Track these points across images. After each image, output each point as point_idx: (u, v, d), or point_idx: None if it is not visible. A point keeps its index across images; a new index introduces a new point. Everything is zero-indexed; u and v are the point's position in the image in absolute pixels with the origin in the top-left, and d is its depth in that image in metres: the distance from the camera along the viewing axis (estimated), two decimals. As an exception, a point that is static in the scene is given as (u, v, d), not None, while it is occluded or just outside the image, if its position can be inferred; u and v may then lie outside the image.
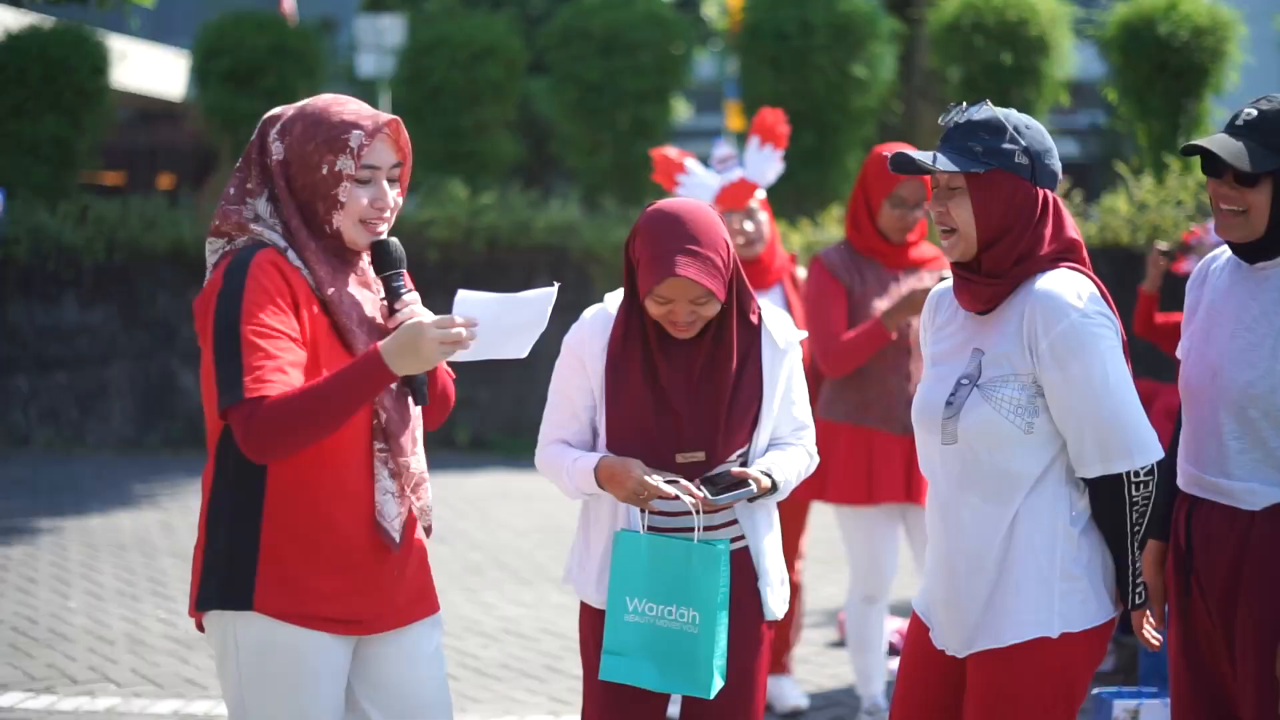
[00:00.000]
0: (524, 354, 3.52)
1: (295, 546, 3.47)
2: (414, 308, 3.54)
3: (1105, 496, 3.56)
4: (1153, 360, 8.11)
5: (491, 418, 13.04)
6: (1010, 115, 3.58)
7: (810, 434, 4.06)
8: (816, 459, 4.09)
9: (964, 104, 3.61)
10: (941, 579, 3.66)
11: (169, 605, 7.98)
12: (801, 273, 6.43)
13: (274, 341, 3.38)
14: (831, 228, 13.02)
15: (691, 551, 3.84)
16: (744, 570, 3.97)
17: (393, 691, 3.63)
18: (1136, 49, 14.00)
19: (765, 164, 6.35)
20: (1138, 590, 3.61)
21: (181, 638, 7.37)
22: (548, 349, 4.03)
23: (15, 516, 10.34)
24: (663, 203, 3.91)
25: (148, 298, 13.45)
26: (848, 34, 14.17)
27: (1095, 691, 5.39)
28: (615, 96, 14.18)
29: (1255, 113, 3.66)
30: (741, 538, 3.98)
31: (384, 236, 3.57)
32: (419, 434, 3.62)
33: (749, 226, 6.24)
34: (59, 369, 13.40)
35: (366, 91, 17.65)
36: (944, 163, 3.51)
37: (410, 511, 3.59)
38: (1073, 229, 3.62)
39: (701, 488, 3.82)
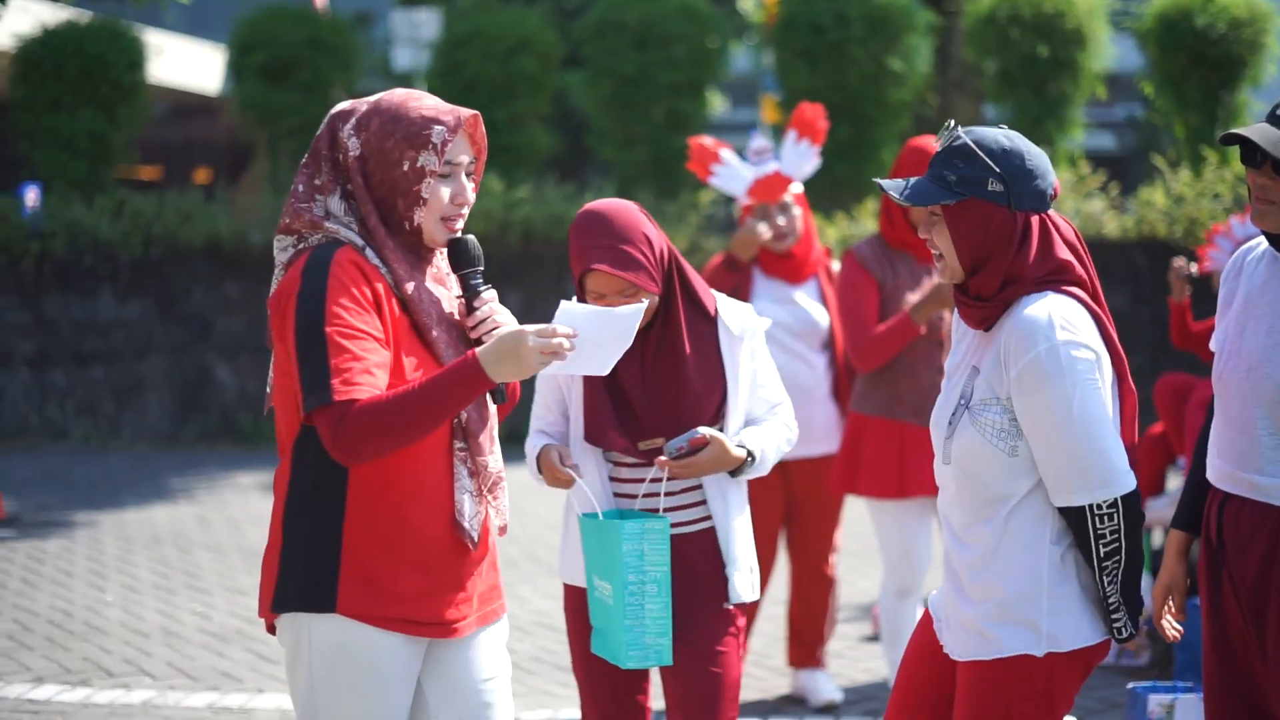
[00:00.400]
0: (607, 370, 3.52)
1: (377, 547, 3.42)
2: (492, 305, 3.54)
3: (1073, 526, 3.51)
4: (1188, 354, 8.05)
5: (526, 411, 13.03)
6: (985, 140, 3.52)
7: (786, 408, 4.27)
8: (795, 431, 4.29)
9: (954, 124, 3.58)
10: (948, 583, 3.67)
11: (204, 599, 8.01)
12: (836, 266, 6.41)
13: (359, 342, 3.33)
14: (867, 221, 13.00)
15: (606, 528, 4.02)
16: (709, 552, 4.15)
17: (464, 694, 3.58)
18: (1173, 41, 13.93)
19: (801, 159, 6.34)
20: (1116, 624, 3.54)
21: (216, 631, 7.39)
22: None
23: (52, 510, 10.39)
24: (591, 204, 4.09)
25: (184, 292, 13.49)
26: (883, 27, 14.12)
27: (1130, 686, 5.37)
28: (650, 90, 14.17)
29: None
30: (709, 518, 4.15)
31: (460, 234, 3.56)
32: (495, 433, 3.59)
33: (781, 220, 6.23)
34: (95, 363, 13.45)
35: (401, 85, 17.68)
36: (911, 196, 3.51)
37: (486, 511, 3.56)
38: (1063, 249, 3.53)
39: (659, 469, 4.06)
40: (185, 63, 21.25)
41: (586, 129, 15.61)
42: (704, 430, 4.01)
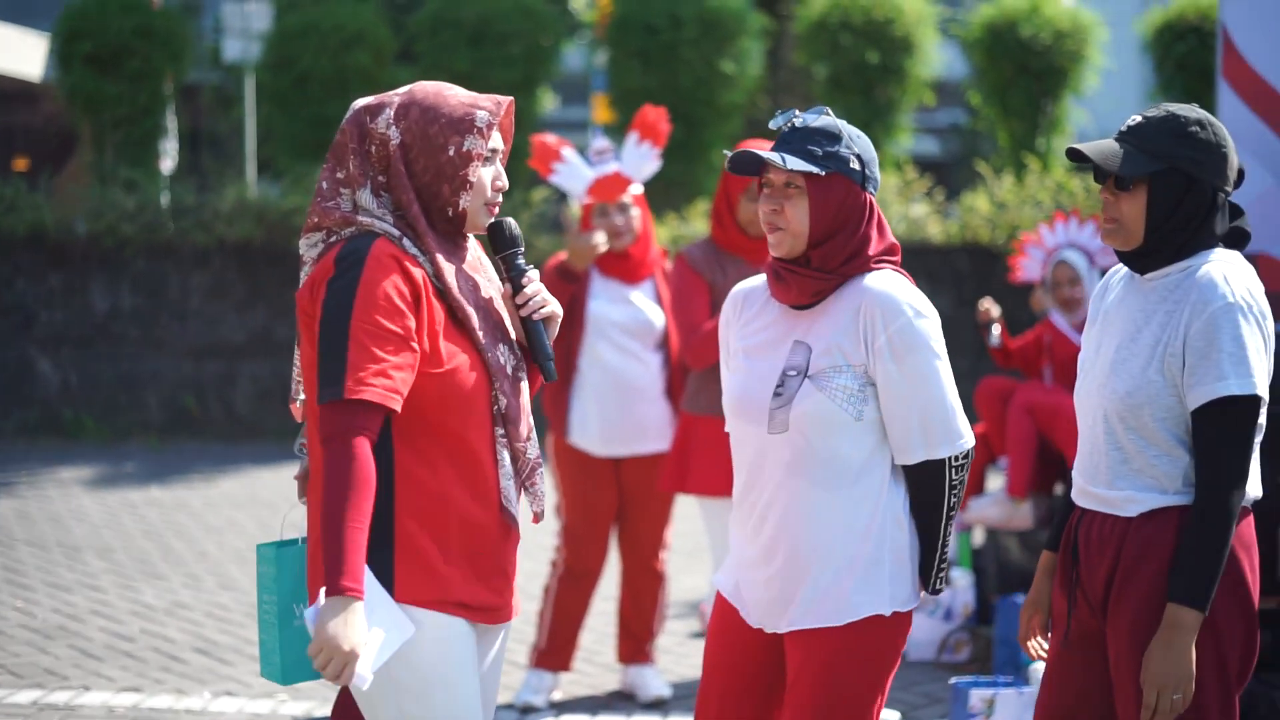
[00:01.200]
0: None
1: (429, 534, 3.40)
2: (539, 284, 3.57)
3: (925, 482, 3.70)
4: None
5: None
6: (842, 123, 3.72)
7: None
8: None
9: (795, 110, 3.73)
10: (765, 560, 3.74)
11: (26, 595, 7.89)
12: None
13: (383, 342, 3.31)
14: (697, 221, 13.11)
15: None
16: None
17: (491, 679, 3.60)
18: (999, 50, 14.23)
19: (642, 160, 6.41)
20: (941, 575, 3.76)
21: (39, 628, 7.29)
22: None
23: None
24: None
25: (4, 282, 13.25)
26: (716, 29, 14.26)
27: (952, 681, 5.50)
28: (485, 87, 14.15)
29: (1140, 119, 3.75)
30: None
31: (503, 220, 3.59)
32: (530, 420, 3.58)
33: (619, 219, 6.29)
34: (-87, 353, 13.17)
35: (231, 77, 17.50)
36: (795, 163, 3.61)
37: (530, 497, 3.58)
38: (890, 234, 3.75)
39: None
40: (5, 48, 20.82)
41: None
42: None
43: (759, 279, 3.90)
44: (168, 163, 14.99)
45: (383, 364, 3.31)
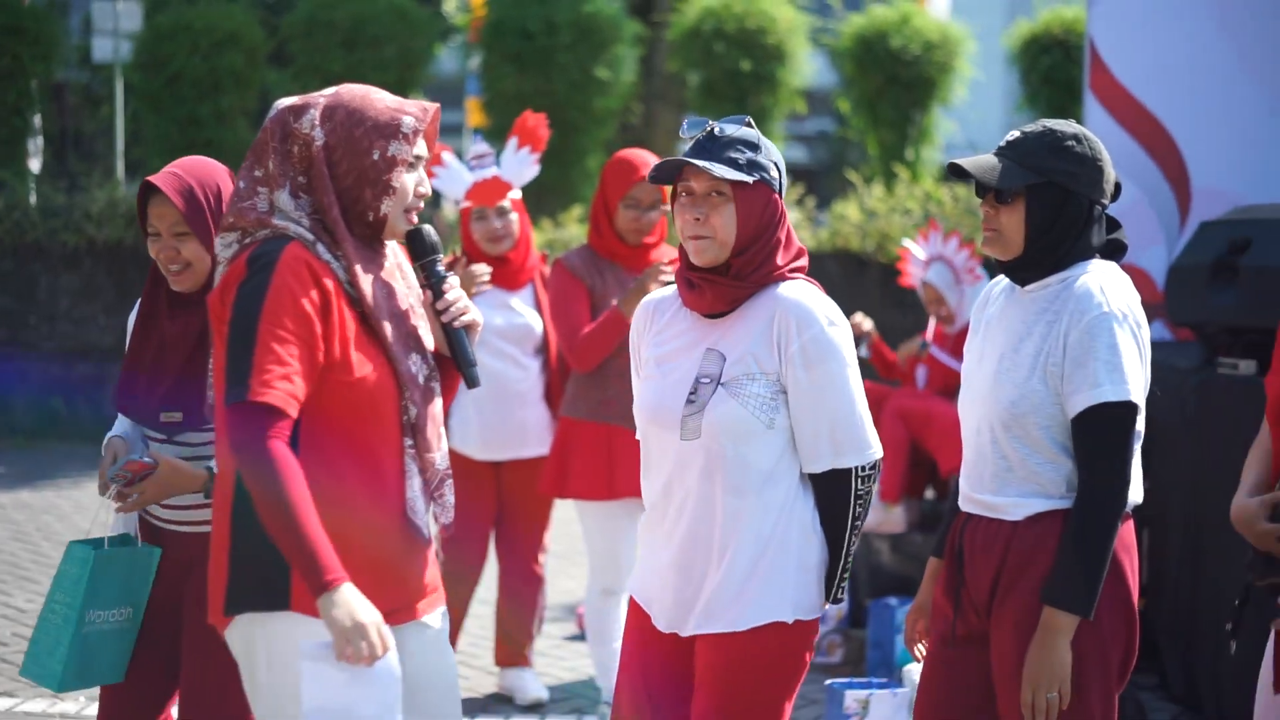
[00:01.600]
0: None
1: (330, 543, 3.31)
2: (459, 291, 3.58)
3: (831, 491, 3.75)
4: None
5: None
6: (758, 132, 3.77)
7: None
8: None
9: (707, 120, 3.77)
10: (674, 564, 3.78)
11: (-106, 597, 7.78)
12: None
13: (288, 346, 3.29)
14: (572, 226, 13.16)
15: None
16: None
17: (423, 680, 3.57)
18: (869, 60, 14.40)
19: (521, 165, 6.44)
20: (842, 585, 3.80)
21: (-92, 630, 7.20)
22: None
23: None
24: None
25: None
26: (591, 35, 14.32)
27: (828, 683, 5.58)
28: (358, 89, 14.12)
29: (1018, 134, 3.84)
30: (207, 522, 4.08)
31: (421, 226, 3.57)
32: (441, 430, 3.57)
33: (498, 224, 6.33)
34: None
35: (99, 76, 17.30)
36: (724, 171, 3.65)
37: (431, 507, 3.55)
38: (796, 241, 3.80)
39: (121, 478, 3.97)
40: None
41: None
42: (149, 456, 3.96)
43: (664, 290, 3.93)
44: (35, 162, 14.79)
45: (288, 367, 3.29)
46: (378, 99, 3.48)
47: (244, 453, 3.26)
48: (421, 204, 3.54)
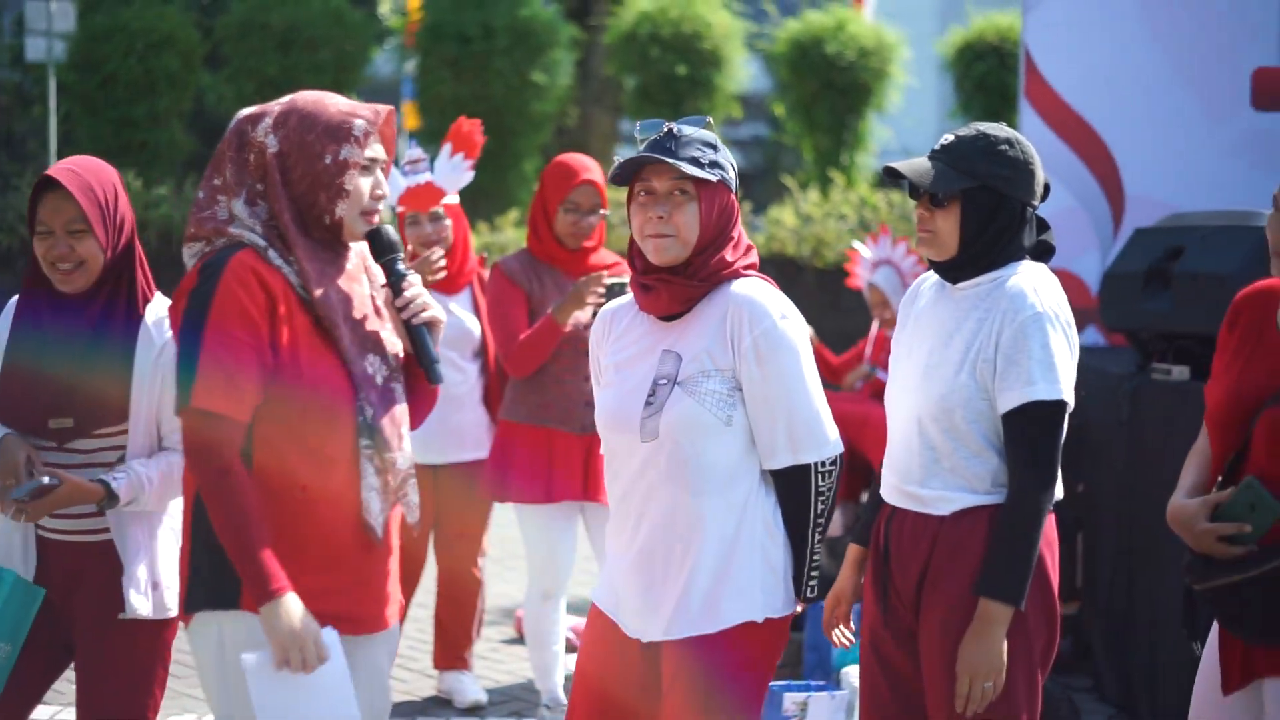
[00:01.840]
0: None
1: (281, 544, 3.39)
2: (419, 288, 3.59)
3: (792, 488, 3.77)
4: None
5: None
6: (714, 133, 3.81)
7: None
8: (180, 461, 3.94)
9: (663, 121, 3.79)
10: (639, 569, 3.79)
11: None
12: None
13: (235, 351, 3.35)
14: (508, 230, 13.16)
15: None
16: (107, 563, 4.07)
17: (376, 688, 3.63)
18: (805, 66, 14.47)
19: (455, 172, 6.44)
20: (812, 583, 3.81)
21: None
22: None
23: None
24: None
25: None
26: (528, 39, 14.31)
27: (766, 685, 5.61)
28: (293, 92, 14.05)
29: (952, 137, 3.88)
30: (107, 530, 4.07)
31: (381, 226, 3.59)
32: (405, 430, 3.59)
33: (430, 229, 6.33)
34: None
35: (33, 76, 17.16)
36: (694, 169, 3.68)
37: (393, 509, 3.57)
38: (745, 239, 3.83)
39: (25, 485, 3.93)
40: None
41: (222, 129, 15.36)
42: (48, 479, 3.93)
43: (622, 300, 3.95)
44: (-34, 162, 14.69)
45: (233, 373, 3.34)
46: (331, 104, 3.52)
47: (192, 460, 3.36)
48: (379, 206, 3.56)
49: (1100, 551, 6.51)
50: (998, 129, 3.88)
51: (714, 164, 3.73)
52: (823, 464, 3.76)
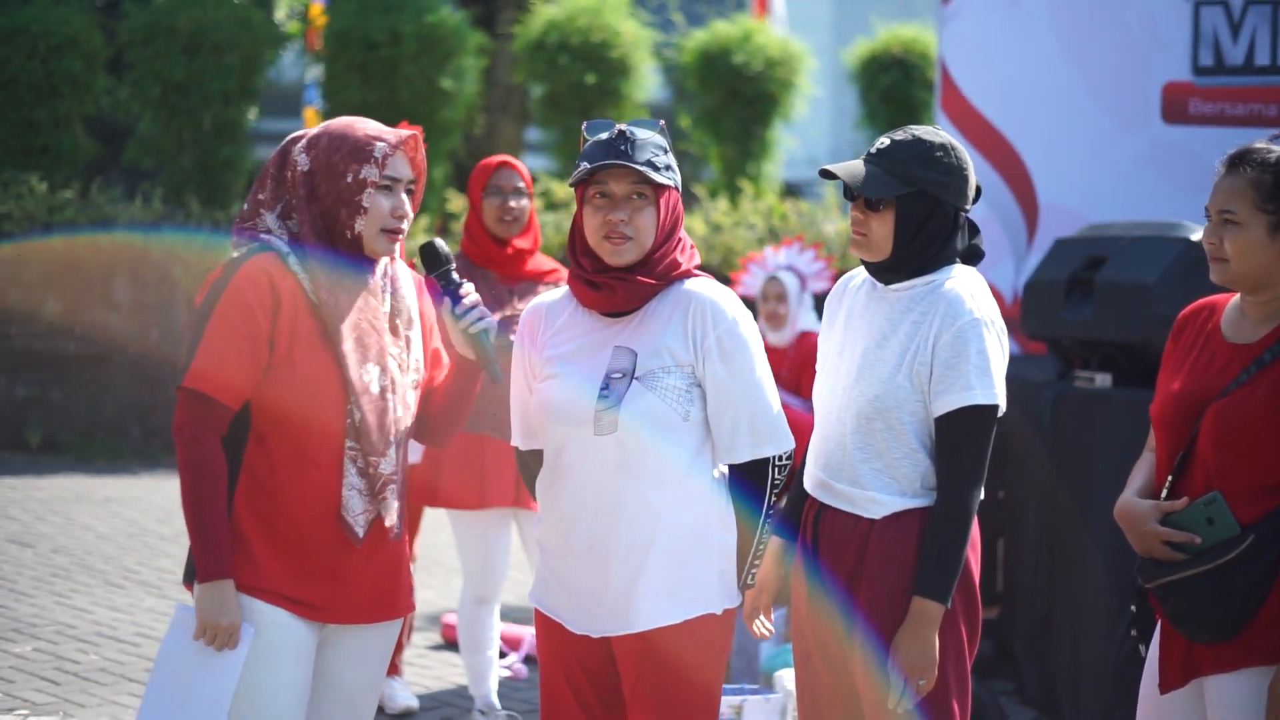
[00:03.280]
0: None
1: (259, 526, 3.71)
2: (473, 298, 3.82)
3: (749, 480, 3.88)
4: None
5: (64, 419, 12.68)
6: (661, 135, 3.90)
7: None
8: None
9: (613, 121, 3.88)
10: (589, 563, 3.85)
11: None
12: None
13: (233, 340, 3.65)
14: (418, 236, 13.13)
15: None
16: None
17: (332, 686, 3.84)
18: (712, 76, 14.55)
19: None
20: (752, 573, 3.94)
21: None
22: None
23: None
24: None
25: None
26: (436, 46, 14.27)
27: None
28: (199, 97, 13.95)
29: (888, 141, 3.95)
30: None
31: (433, 240, 3.86)
32: (396, 437, 3.79)
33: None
34: None
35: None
36: (652, 174, 3.77)
37: (378, 511, 3.78)
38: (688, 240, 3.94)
39: None
40: None
41: (123, 133, 15.24)
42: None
43: (554, 293, 4.01)
44: None
45: (228, 359, 3.64)
46: (360, 127, 3.78)
47: (179, 435, 3.66)
48: (402, 224, 3.77)
49: (1022, 557, 6.62)
50: (933, 134, 3.96)
51: (668, 167, 3.83)
52: (780, 457, 3.88)
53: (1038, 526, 6.46)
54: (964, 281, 3.93)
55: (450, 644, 7.43)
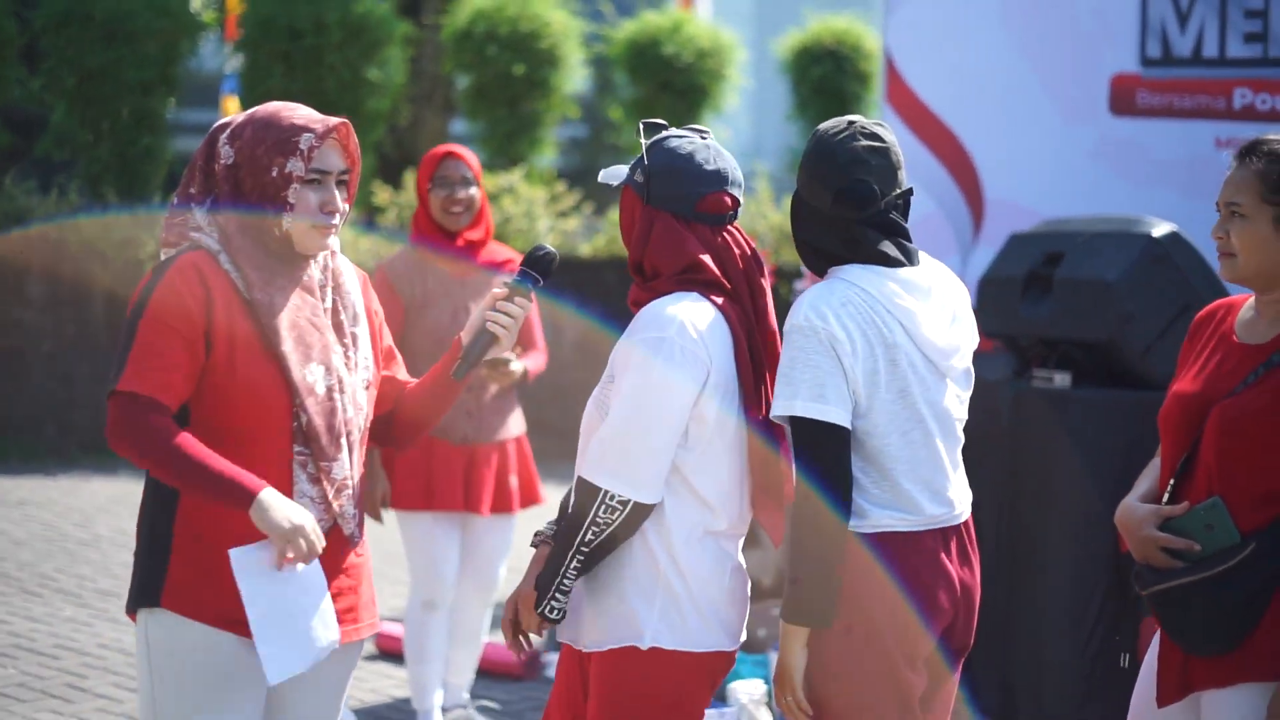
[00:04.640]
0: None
1: (203, 546, 3.47)
2: (514, 307, 3.64)
3: (575, 500, 3.63)
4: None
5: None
6: (667, 136, 3.72)
7: None
8: None
9: (665, 123, 3.78)
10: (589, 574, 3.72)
11: None
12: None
13: (163, 342, 3.41)
14: (344, 231, 12.90)
15: None
16: None
17: (285, 709, 3.60)
18: (642, 67, 14.37)
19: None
20: (554, 604, 3.62)
21: None
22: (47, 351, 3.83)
23: None
24: None
25: None
26: (362, 35, 14.01)
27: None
28: (117, 86, 13.63)
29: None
30: None
31: (546, 246, 3.70)
32: (352, 438, 3.55)
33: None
34: None
35: None
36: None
37: (334, 520, 3.54)
38: (697, 248, 3.66)
39: None
40: None
41: (35, 123, 14.91)
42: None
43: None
44: None
45: (161, 362, 3.40)
46: (287, 116, 3.55)
47: (118, 434, 3.39)
48: (334, 219, 3.54)
49: (980, 560, 6.45)
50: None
51: (631, 168, 3.76)
52: (612, 497, 3.56)
53: (996, 527, 6.29)
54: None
55: (386, 654, 7.19)
